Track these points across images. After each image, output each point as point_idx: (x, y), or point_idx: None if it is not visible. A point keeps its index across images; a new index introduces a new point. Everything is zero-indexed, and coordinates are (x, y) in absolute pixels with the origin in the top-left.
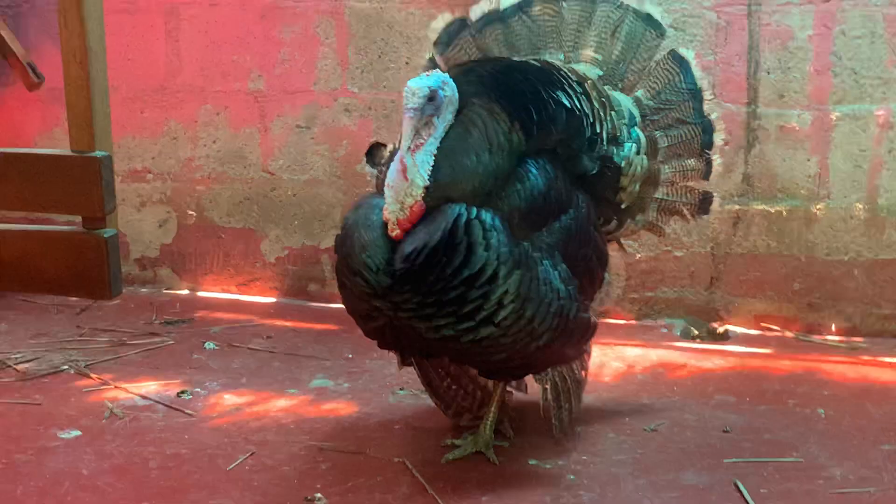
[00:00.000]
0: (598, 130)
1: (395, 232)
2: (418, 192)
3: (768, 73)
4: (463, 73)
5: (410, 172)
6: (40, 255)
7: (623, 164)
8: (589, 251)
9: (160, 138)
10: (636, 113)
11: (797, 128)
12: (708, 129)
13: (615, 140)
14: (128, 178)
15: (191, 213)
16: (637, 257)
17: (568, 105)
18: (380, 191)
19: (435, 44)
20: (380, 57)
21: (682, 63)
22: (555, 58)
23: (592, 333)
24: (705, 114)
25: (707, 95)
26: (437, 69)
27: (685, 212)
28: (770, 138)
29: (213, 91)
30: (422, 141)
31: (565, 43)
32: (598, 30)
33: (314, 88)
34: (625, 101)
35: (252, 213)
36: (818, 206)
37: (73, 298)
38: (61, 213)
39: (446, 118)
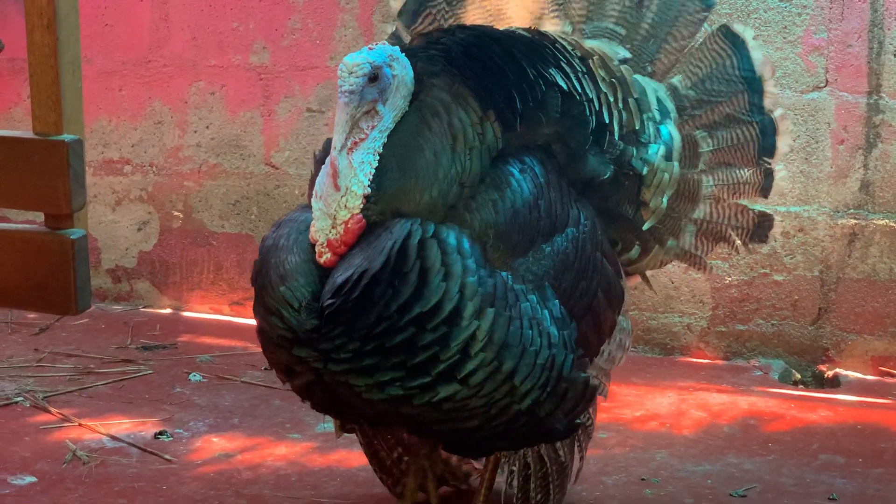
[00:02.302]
0: (607, 121)
1: (324, 256)
2: (355, 204)
3: (895, 55)
4: (424, 46)
5: (344, 178)
6: None
7: (646, 171)
8: (592, 285)
9: (141, 122)
10: (670, 106)
11: None
12: (769, 129)
13: (636, 138)
14: (101, 169)
15: (176, 213)
16: (726, 281)
17: (564, 87)
18: (310, 199)
19: (399, 13)
20: None
21: (735, 42)
22: (561, 29)
23: (590, 401)
24: (766, 110)
25: (770, 86)
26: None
27: (734, 238)
28: None
29: (207, 65)
30: (362, 136)
31: (576, 11)
32: None
33: (330, 64)
34: (653, 89)
35: (250, 215)
36: None
37: (31, 314)
38: (19, 208)
39: (396, 105)
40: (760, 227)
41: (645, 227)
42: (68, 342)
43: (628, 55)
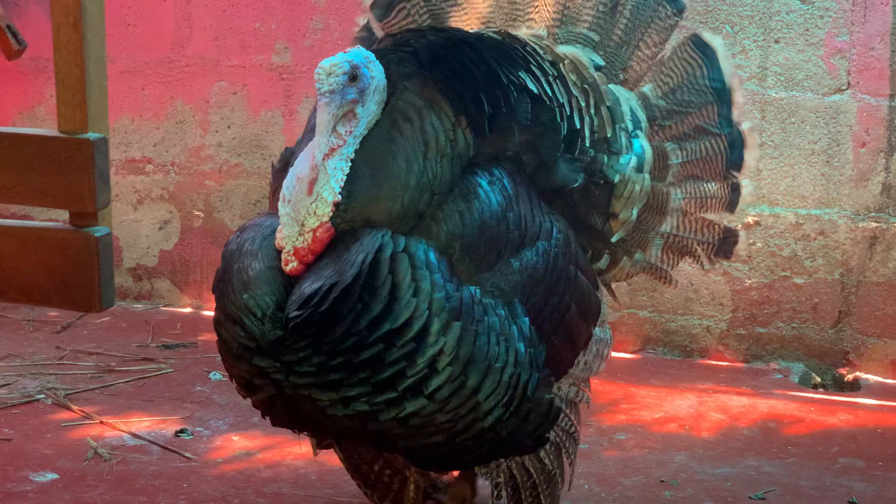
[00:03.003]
0: (578, 126)
1: (290, 265)
2: (325, 211)
3: None
4: (393, 48)
5: (319, 184)
6: (17, 257)
7: (617, 180)
8: (565, 299)
9: (163, 121)
10: (641, 115)
11: None
12: (737, 143)
13: (607, 146)
14: (123, 168)
15: (197, 213)
16: (746, 283)
17: (535, 91)
18: (274, 207)
19: (372, 5)
20: None
21: (706, 52)
22: (535, 32)
23: (554, 421)
24: (734, 122)
25: (738, 97)
26: (370, 43)
27: (700, 252)
28: None
29: (229, 65)
30: (340, 142)
31: (550, 14)
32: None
33: None
34: (626, 98)
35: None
36: None
37: (54, 312)
38: (44, 206)
39: (370, 110)
40: (726, 243)
41: (613, 239)
42: (90, 340)
43: (602, 62)
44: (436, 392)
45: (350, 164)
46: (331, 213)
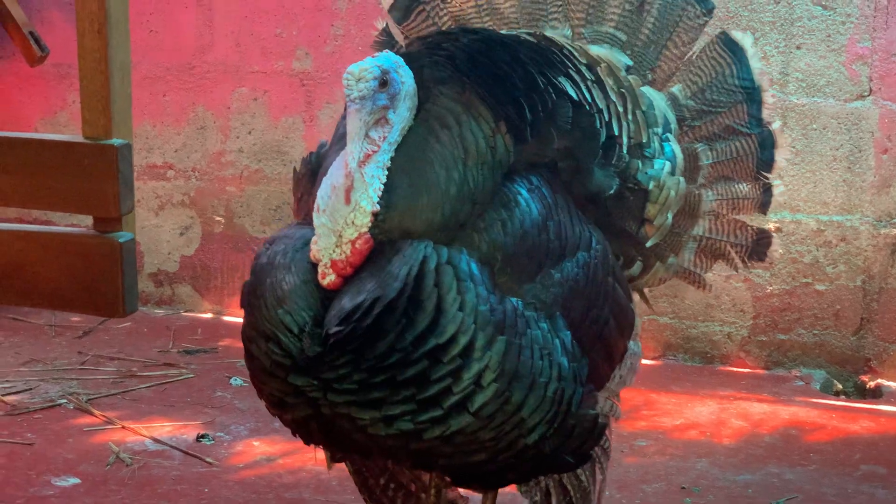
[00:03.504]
0: (616, 133)
1: (328, 278)
2: (363, 221)
3: None
4: (426, 51)
5: (357, 192)
6: (40, 262)
7: (651, 186)
8: (604, 313)
9: (185, 127)
10: (671, 116)
11: None
12: (767, 142)
13: (641, 151)
14: (144, 174)
15: (218, 219)
16: (767, 290)
17: (574, 96)
18: (307, 217)
19: (390, 8)
20: None
21: (735, 51)
22: (560, 33)
23: (598, 438)
24: (764, 121)
25: (768, 97)
26: (390, 47)
27: (733, 255)
28: None
29: (250, 71)
30: (374, 148)
31: (575, 14)
32: None
33: None
34: (658, 101)
35: (292, 221)
36: None
37: (76, 317)
38: (68, 211)
39: (402, 115)
40: (759, 245)
41: (648, 244)
42: (111, 345)
43: (630, 62)
44: (481, 409)
45: (386, 172)
46: (369, 224)
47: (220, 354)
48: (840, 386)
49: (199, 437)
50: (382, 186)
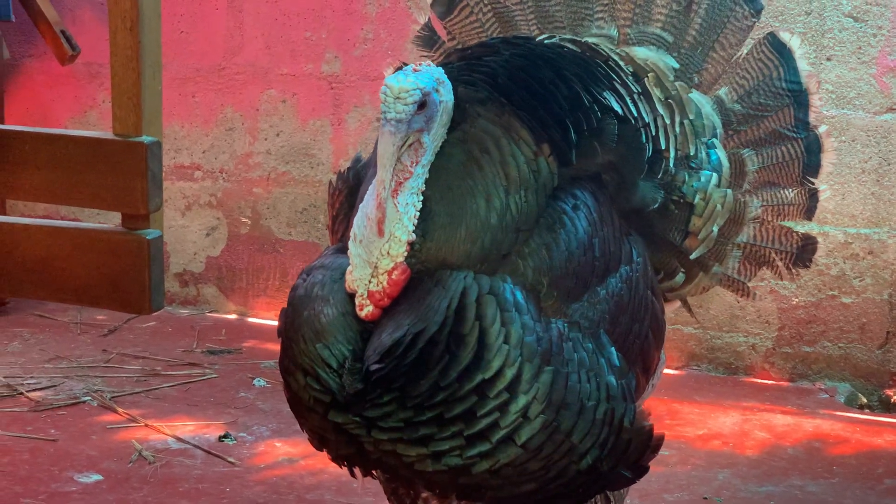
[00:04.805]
0: (664, 146)
1: (365, 310)
2: (399, 251)
3: None
4: (466, 67)
5: (390, 223)
6: (69, 258)
7: (697, 200)
8: (644, 326)
9: (213, 128)
10: (717, 121)
11: None
12: (814, 147)
13: (688, 163)
14: (172, 174)
15: (245, 220)
16: (793, 302)
17: (619, 111)
18: (343, 240)
19: (433, 4)
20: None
21: (782, 52)
22: (605, 33)
23: (656, 449)
24: (811, 125)
25: (815, 100)
26: (431, 42)
27: (778, 262)
28: None
29: (279, 73)
30: (407, 175)
31: (621, 13)
32: None
33: None
34: (705, 106)
35: (318, 223)
36: None
37: (101, 315)
38: (97, 208)
39: (437, 135)
40: (804, 251)
41: (692, 257)
42: (136, 344)
43: (676, 65)
44: (529, 441)
45: (421, 197)
46: (405, 253)
47: (244, 355)
48: (864, 399)
49: (222, 437)
50: (418, 214)
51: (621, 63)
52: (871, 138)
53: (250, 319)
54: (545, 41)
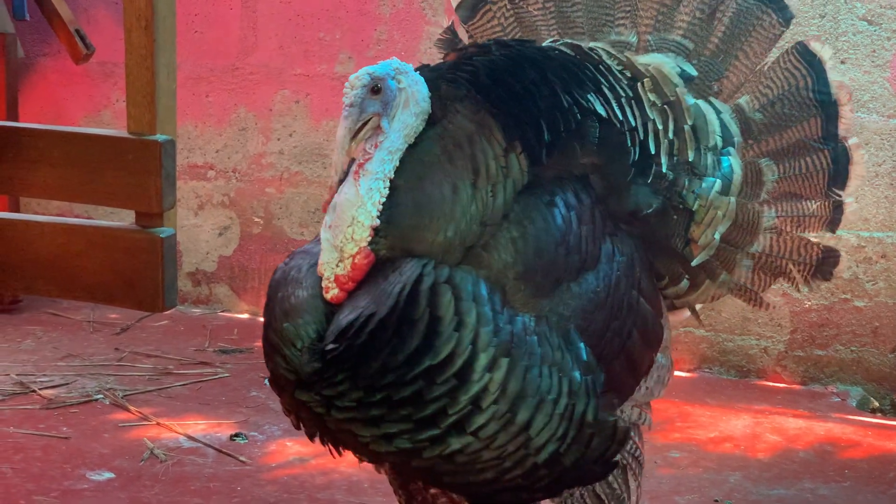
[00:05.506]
0: (653, 151)
1: (331, 292)
2: (363, 236)
3: None
4: (453, 66)
5: (350, 207)
6: (83, 256)
7: (697, 206)
8: (627, 324)
9: (226, 128)
10: (734, 129)
11: None
12: (841, 159)
13: (690, 168)
14: (185, 173)
15: (257, 220)
16: (805, 305)
17: (603, 114)
18: None
19: (458, 6)
20: None
21: (812, 62)
22: (624, 39)
23: (622, 443)
24: (840, 137)
25: (846, 111)
26: (454, 45)
27: (795, 274)
28: None
29: (293, 74)
30: (367, 156)
31: (643, 20)
32: (690, 4)
33: None
34: (716, 114)
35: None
36: None
37: (114, 314)
38: (111, 206)
39: (406, 122)
40: (825, 264)
41: (694, 263)
42: (148, 343)
43: (694, 73)
44: (480, 429)
45: (388, 184)
46: (369, 238)
47: (256, 355)
48: (877, 403)
49: (233, 436)
50: (384, 200)
51: (614, 67)
52: (885, 142)
53: (262, 319)
54: (542, 45)
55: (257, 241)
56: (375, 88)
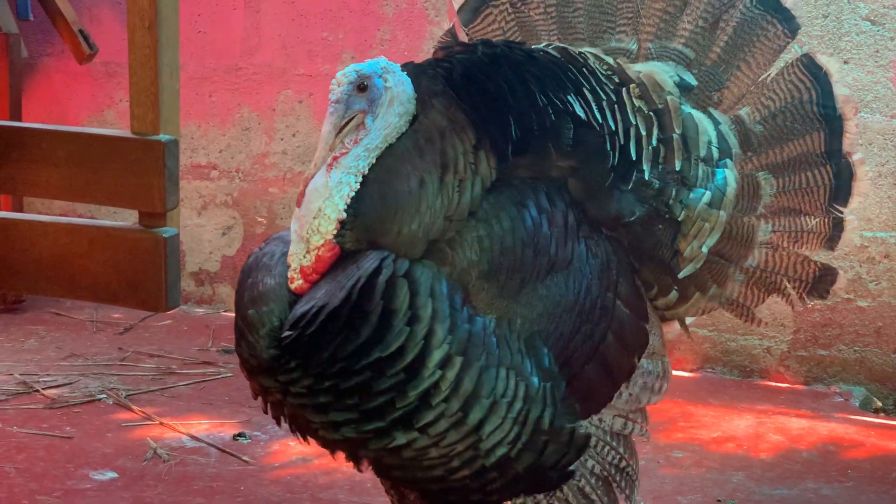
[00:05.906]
0: (635, 157)
1: (296, 283)
2: (328, 229)
3: None
4: (435, 62)
5: (318, 198)
6: (86, 255)
7: (683, 217)
8: (600, 328)
9: (230, 128)
10: (732, 141)
11: None
12: (844, 174)
13: (679, 177)
14: (188, 173)
15: (260, 220)
16: (808, 305)
17: (582, 116)
18: None
19: (459, 9)
20: None
21: (817, 76)
22: (624, 46)
23: (580, 451)
24: (844, 153)
25: (851, 126)
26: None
27: (790, 290)
28: None
29: (296, 74)
30: (343, 151)
31: (644, 28)
32: (693, 13)
33: None
34: (712, 125)
35: None
36: None
37: (117, 313)
38: (115, 205)
39: (388, 122)
40: (822, 281)
41: (681, 275)
42: (151, 343)
43: (694, 82)
44: (428, 426)
45: (360, 179)
46: (335, 231)
47: None
48: (880, 403)
49: (236, 436)
50: (353, 194)
51: (599, 71)
52: (888, 142)
53: None
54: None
55: (260, 240)
56: (362, 86)
